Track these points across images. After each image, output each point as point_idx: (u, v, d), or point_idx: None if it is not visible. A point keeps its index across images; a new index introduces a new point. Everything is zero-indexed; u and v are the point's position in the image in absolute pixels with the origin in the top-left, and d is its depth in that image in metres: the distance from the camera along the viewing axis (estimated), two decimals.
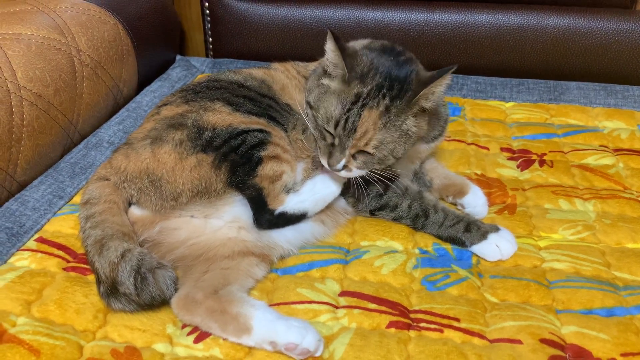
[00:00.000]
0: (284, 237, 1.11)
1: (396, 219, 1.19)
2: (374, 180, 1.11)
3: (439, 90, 1.04)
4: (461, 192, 1.25)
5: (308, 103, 1.11)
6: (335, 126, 1.04)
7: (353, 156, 1.05)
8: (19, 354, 0.89)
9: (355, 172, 1.07)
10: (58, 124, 1.39)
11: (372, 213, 1.20)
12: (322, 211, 1.13)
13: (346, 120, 1.03)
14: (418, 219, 1.17)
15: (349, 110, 1.02)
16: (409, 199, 1.17)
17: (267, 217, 1.07)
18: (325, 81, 1.08)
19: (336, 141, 1.05)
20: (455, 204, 1.26)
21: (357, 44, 1.13)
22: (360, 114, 1.02)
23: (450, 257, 1.14)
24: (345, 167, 1.06)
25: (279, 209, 1.08)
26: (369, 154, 1.04)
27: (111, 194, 1.07)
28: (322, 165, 1.10)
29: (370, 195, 1.17)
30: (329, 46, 1.05)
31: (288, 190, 1.09)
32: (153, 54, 1.84)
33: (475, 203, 1.23)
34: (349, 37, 1.18)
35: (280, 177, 1.08)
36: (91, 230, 1.02)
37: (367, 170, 1.08)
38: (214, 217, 1.07)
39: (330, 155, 1.06)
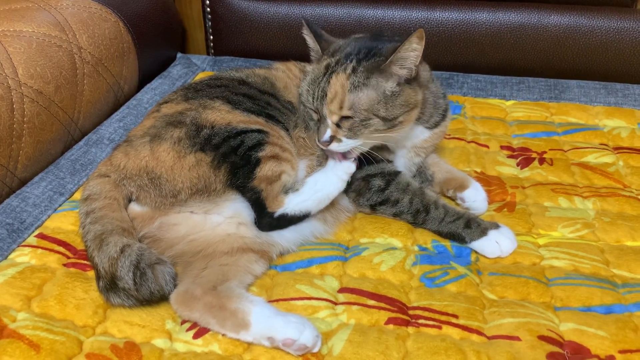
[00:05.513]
0: (283, 236, 1.10)
1: (397, 215, 1.19)
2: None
3: (410, 55, 1.05)
4: (462, 186, 1.25)
5: (299, 93, 1.16)
6: (312, 99, 1.09)
7: (338, 125, 1.08)
8: (19, 349, 0.89)
9: (347, 143, 1.09)
10: (59, 121, 1.39)
11: (373, 208, 1.20)
12: (325, 209, 1.13)
13: (318, 89, 1.09)
14: (419, 215, 1.17)
15: (320, 81, 1.08)
16: (410, 195, 1.17)
17: (267, 220, 1.07)
18: (307, 68, 1.16)
19: (319, 115, 1.10)
20: (455, 199, 1.26)
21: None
22: (329, 80, 1.07)
23: (449, 254, 1.14)
24: (333, 138, 1.08)
25: (279, 212, 1.07)
26: (350, 117, 1.06)
27: (111, 191, 1.08)
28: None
29: (372, 189, 1.17)
30: (304, 31, 1.15)
31: (287, 190, 1.08)
32: (154, 52, 1.84)
33: (476, 197, 1.23)
34: (350, 36, 1.19)
35: (279, 178, 1.07)
36: (91, 226, 1.02)
37: (359, 138, 1.08)
38: (214, 212, 1.07)
39: (317, 131, 1.10)
